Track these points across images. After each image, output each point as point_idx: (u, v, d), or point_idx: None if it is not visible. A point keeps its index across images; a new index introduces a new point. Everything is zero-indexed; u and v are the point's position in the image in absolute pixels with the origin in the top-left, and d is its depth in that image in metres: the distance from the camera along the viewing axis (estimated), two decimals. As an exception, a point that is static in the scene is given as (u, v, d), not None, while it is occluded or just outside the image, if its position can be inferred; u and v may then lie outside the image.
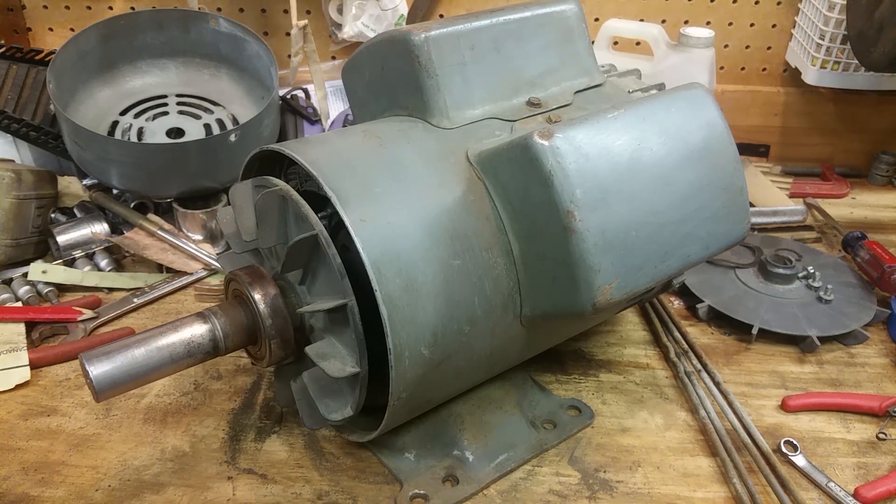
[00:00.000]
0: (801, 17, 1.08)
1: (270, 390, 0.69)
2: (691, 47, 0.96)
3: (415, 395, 0.53)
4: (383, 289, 0.48)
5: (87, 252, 0.85)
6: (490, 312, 0.54)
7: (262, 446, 0.62)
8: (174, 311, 0.80)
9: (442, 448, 0.61)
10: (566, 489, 0.59)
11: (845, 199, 1.10)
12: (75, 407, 0.66)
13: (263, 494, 0.58)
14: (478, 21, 0.60)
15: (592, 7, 1.10)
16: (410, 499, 0.57)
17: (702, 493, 0.59)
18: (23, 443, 0.62)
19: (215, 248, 0.89)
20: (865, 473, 0.61)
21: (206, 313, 0.54)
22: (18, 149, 0.96)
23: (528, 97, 0.62)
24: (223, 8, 1.11)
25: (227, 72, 1.02)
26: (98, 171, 0.88)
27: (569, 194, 0.49)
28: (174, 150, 0.86)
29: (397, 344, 0.49)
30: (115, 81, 0.98)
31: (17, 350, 0.71)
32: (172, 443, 0.63)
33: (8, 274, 0.83)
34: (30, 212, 0.84)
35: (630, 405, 0.68)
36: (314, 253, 0.52)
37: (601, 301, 0.50)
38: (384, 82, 0.62)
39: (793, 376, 0.73)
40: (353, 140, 0.56)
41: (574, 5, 0.65)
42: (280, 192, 0.53)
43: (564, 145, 0.50)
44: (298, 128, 1.04)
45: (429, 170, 0.54)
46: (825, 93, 1.13)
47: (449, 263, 0.51)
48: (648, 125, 0.54)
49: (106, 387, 0.49)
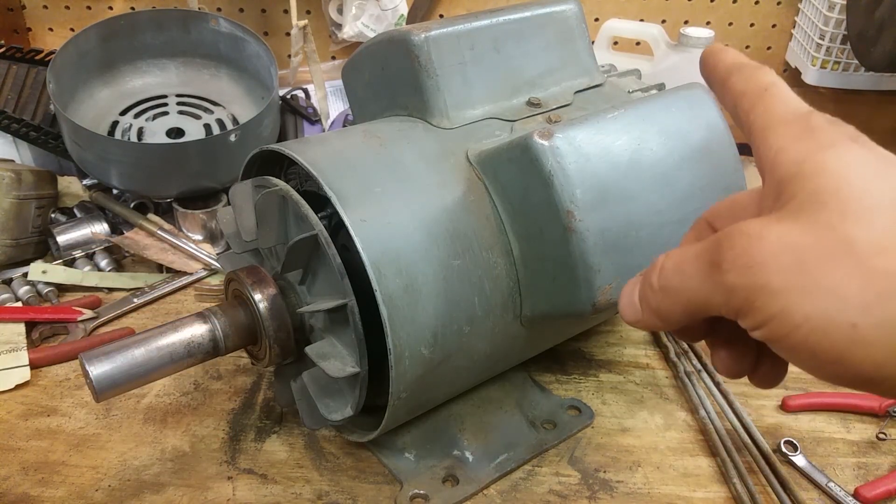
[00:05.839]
0: (801, 17, 1.08)
1: (270, 390, 0.69)
2: (691, 47, 0.96)
3: (415, 395, 0.53)
4: (383, 289, 0.48)
5: (87, 252, 0.85)
6: (490, 312, 0.54)
7: (262, 446, 0.62)
8: (174, 311, 0.80)
9: (442, 448, 0.61)
10: (566, 489, 0.59)
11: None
12: (75, 407, 0.66)
13: (263, 494, 0.58)
14: (478, 21, 0.60)
15: (592, 7, 1.10)
16: (410, 499, 0.57)
17: (702, 493, 0.59)
18: (23, 443, 0.62)
19: (215, 248, 0.89)
20: (865, 473, 0.61)
21: (206, 313, 0.54)
22: (18, 149, 0.96)
23: (528, 97, 0.62)
24: (223, 8, 1.11)
25: (227, 72, 1.02)
26: (98, 171, 0.88)
27: (569, 194, 0.49)
28: (174, 150, 0.86)
29: (397, 344, 0.49)
30: (115, 81, 0.98)
31: (17, 350, 0.71)
32: (172, 443, 0.63)
33: (8, 274, 0.83)
34: (30, 212, 0.84)
35: (630, 405, 0.68)
36: (314, 253, 0.52)
37: (601, 301, 0.50)
38: (384, 82, 0.62)
39: (792, 376, 0.72)
40: (353, 140, 0.56)
41: (574, 5, 0.65)
42: (280, 192, 0.53)
43: (564, 145, 0.50)
44: (298, 128, 1.04)
45: (429, 170, 0.54)
46: (825, 93, 1.13)
47: (449, 263, 0.51)
48: (648, 125, 0.54)
49: (106, 387, 0.49)
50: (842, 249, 0.25)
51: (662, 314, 0.31)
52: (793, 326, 0.25)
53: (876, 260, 0.24)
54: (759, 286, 0.26)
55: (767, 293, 0.26)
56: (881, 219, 0.25)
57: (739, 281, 0.26)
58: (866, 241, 0.25)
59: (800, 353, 0.26)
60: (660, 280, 0.30)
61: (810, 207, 0.26)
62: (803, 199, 0.26)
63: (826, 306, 0.25)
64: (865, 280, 0.24)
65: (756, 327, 0.27)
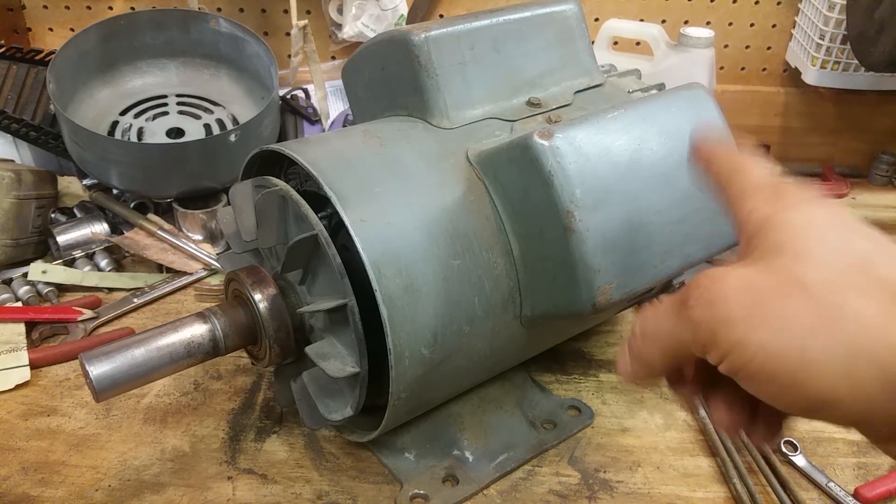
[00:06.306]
0: (801, 17, 1.08)
1: (270, 390, 0.69)
2: (691, 47, 0.96)
3: (415, 395, 0.53)
4: (383, 289, 0.48)
5: (87, 252, 0.85)
6: (490, 312, 0.54)
7: (262, 446, 0.62)
8: (174, 311, 0.80)
9: (442, 448, 0.61)
10: (566, 489, 0.59)
11: (845, 199, 1.10)
12: (75, 407, 0.66)
13: (263, 494, 0.58)
14: (478, 21, 0.60)
15: (592, 7, 1.10)
16: (410, 499, 0.57)
17: (702, 493, 0.59)
18: (23, 443, 0.62)
19: (215, 248, 0.89)
20: (865, 473, 0.61)
21: (206, 313, 0.54)
22: (18, 149, 0.96)
23: (528, 97, 0.62)
24: (223, 8, 1.11)
25: (227, 72, 1.02)
26: (98, 171, 0.88)
27: (569, 194, 0.49)
28: (174, 150, 0.86)
29: (397, 344, 0.49)
30: (115, 81, 0.98)
31: (17, 350, 0.71)
32: (172, 443, 0.63)
33: (8, 274, 0.83)
34: (30, 212, 0.84)
35: (630, 405, 0.68)
36: (314, 253, 0.52)
37: (601, 301, 0.50)
38: (384, 82, 0.62)
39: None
40: (353, 140, 0.56)
41: (574, 5, 0.65)
42: (280, 192, 0.53)
43: (564, 145, 0.50)
44: (298, 128, 1.04)
45: (429, 170, 0.54)
46: (825, 93, 1.13)
47: (449, 263, 0.51)
48: (648, 125, 0.54)
49: (106, 387, 0.49)
50: (793, 286, 0.28)
51: (645, 359, 0.34)
52: (751, 354, 0.28)
53: (822, 292, 0.27)
54: (721, 319, 0.29)
55: (727, 324, 0.28)
56: (830, 263, 0.28)
57: (703, 314, 0.29)
58: (815, 279, 0.28)
59: (759, 379, 0.28)
60: (641, 327, 0.34)
61: (770, 255, 0.29)
62: (765, 248, 0.30)
63: (778, 334, 0.27)
64: (812, 309, 0.27)
65: (721, 359, 0.29)
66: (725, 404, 0.34)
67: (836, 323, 0.26)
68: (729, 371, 0.29)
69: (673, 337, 0.32)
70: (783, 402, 0.28)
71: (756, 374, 0.28)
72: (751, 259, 0.30)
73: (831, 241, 0.29)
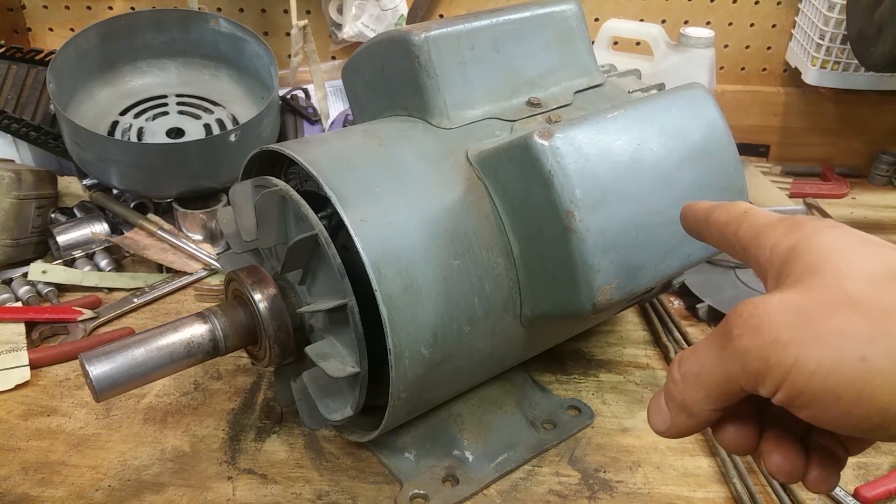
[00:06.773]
0: (801, 17, 1.08)
1: (270, 390, 0.69)
2: (691, 47, 0.96)
3: (415, 395, 0.53)
4: (383, 289, 0.48)
5: (87, 252, 0.85)
6: (490, 312, 0.54)
7: (262, 446, 0.62)
8: (174, 311, 0.80)
9: (442, 448, 0.61)
10: (566, 489, 0.59)
11: (845, 199, 1.10)
12: (75, 407, 0.66)
13: (263, 494, 0.58)
14: (478, 21, 0.60)
15: (592, 7, 1.10)
16: (410, 499, 0.57)
17: (702, 493, 0.59)
18: (23, 443, 0.62)
19: (215, 248, 0.89)
20: (865, 473, 0.61)
21: (206, 313, 0.54)
22: (18, 149, 0.96)
23: (528, 97, 0.62)
24: (223, 8, 1.11)
25: (227, 72, 1.02)
26: (98, 171, 0.88)
27: (569, 194, 0.49)
28: (174, 150, 0.86)
29: (397, 344, 0.49)
30: (115, 81, 0.98)
31: (17, 350, 0.71)
32: (172, 443, 0.63)
33: (8, 274, 0.83)
34: (30, 212, 0.84)
35: (630, 405, 0.68)
36: (314, 253, 0.52)
37: (601, 301, 0.50)
38: (384, 82, 0.62)
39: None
40: (353, 140, 0.56)
41: (574, 5, 0.65)
42: (280, 192, 0.53)
43: (564, 145, 0.50)
44: (298, 128, 1.04)
45: (429, 170, 0.54)
46: (825, 93, 1.13)
47: (449, 263, 0.51)
48: (648, 125, 0.54)
49: (106, 387, 0.49)
50: (840, 300, 0.27)
51: (688, 405, 0.32)
52: (809, 374, 0.26)
53: (872, 302, 0.27)
54: (770, 342, 0.27)
55: (779, 347, 0.27)
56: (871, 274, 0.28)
57: (751, 342, 0.28)
58: (860, 289, 0.27)
59: (821, 402, 0.27)
60: (680, 369, 0.32)
61: (806, 276, 0.29)
62: (799, 273, 0.30)
63: (835, 348, 0.26)
64: (865, 318, 0.26)
65: (777, 387, 0.28)
66: (779, 450, 0.32)
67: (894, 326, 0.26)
68: (787, 399, 0.28)
69: (719, 374, 0.30)
70: (849, 423, 0.27)
71: (818, 396, 0.27)
72: (786, 285, 0.30)
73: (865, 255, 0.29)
